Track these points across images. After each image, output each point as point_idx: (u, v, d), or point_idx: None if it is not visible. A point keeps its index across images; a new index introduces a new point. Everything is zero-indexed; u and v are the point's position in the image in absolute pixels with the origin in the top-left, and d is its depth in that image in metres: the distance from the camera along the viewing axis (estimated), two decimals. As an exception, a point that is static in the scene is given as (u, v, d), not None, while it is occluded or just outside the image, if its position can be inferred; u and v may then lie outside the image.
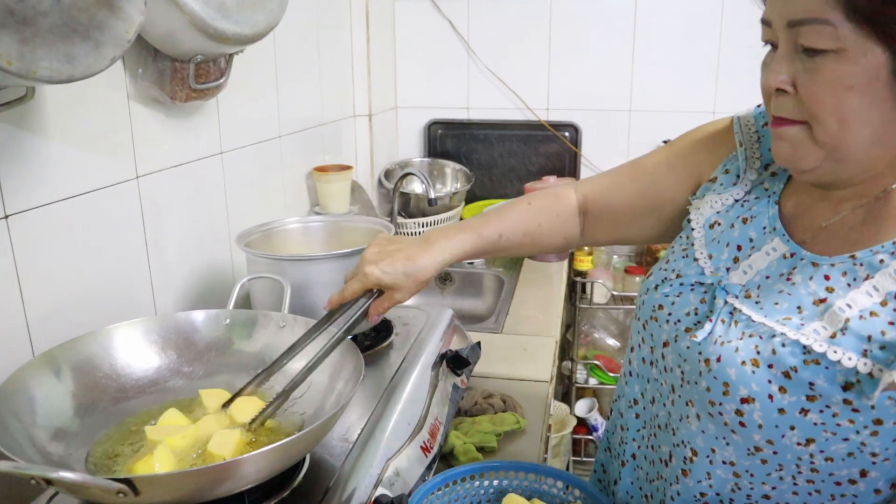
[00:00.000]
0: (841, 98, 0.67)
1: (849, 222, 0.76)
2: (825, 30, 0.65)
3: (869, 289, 0.70)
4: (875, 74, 0.65)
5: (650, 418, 0.91)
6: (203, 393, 0.93)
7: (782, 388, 0.72)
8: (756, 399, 0.73)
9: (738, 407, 0.74)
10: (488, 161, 2.57)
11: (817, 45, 0.66)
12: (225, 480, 0.71)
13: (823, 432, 0.71)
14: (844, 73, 0.66)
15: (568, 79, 2.48)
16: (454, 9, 2.46)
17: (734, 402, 0.74)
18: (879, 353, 0.68)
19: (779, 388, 0.72)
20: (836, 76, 0.66)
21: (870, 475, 0.73)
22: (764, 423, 0.73)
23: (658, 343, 0.87)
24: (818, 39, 0.66)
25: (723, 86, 2.37)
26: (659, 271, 0.91)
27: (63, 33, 0.71)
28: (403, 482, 0.92)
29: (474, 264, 2.19)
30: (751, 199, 0.86)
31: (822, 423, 0.71)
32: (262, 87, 1.58)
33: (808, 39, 0.67)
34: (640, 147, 2.47)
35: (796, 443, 0.73)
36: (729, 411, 0.75)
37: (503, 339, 1.66)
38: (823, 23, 0.65)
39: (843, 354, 0.69)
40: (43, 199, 0.96)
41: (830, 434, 0.71)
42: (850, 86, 0.66)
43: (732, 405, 0.75)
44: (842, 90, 0.66)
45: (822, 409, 0.70)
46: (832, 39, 0.65)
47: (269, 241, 1.27)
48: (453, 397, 1.20)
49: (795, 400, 0.71)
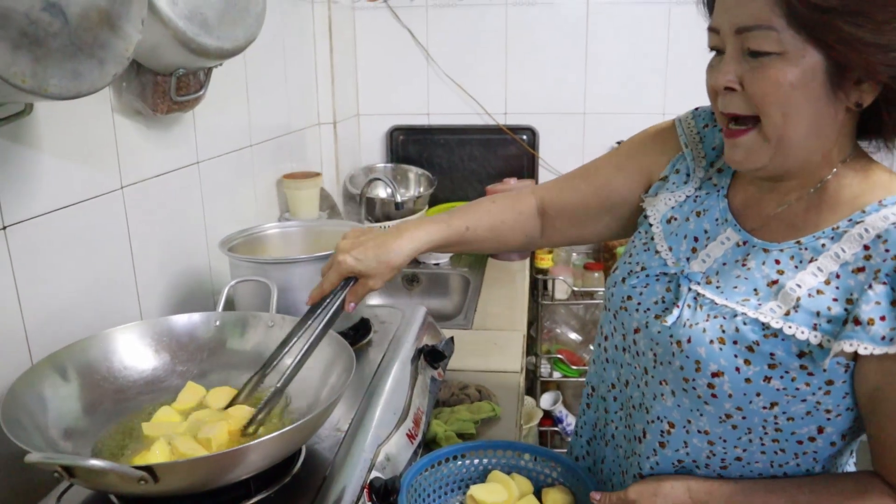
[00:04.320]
0: (784, 94, 0.76)
1: (793, 211, 0.86)
2: (770, 35, 0.75)
3: (814, 270, 0.80)
4: (812, 74, 0.75)
5: (625, 400, 0.99)
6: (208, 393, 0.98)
7: (747, 360, 0.81)
8: (725, 372, 0.82)
9: (710, 381, 0.83)
10: (449, 165, 2.65)
11: (762, 48, 0.76)
12: (235, 466, 0.76)
13: (785, 396, 0.80)
14: (786, 72, 0.76)
15: (524, 84, 2.57)
16: (413, 18, 2.53)
17: (706, 376, 0.83)
18: (827, 326, 0.78)
19: (744, 360, 0.81)
20: (779, 75, 0.76)
21: (826, 430, 0.83)
22: (733, 392, 0.82)
23: (630, 330, 0.95)
24: (763, 43, 0.76)
25: (671, 88, 2.50)
26: (624, 265, 1.00)
27: (70, 52, 0.75)
28: (393, 467, 0.99)
29: (440, 265, 2.26)
30: (702, 195, 0.96)
31: (784, 389, 0.80)
32: (234, 98, 1.62)
33: (755, 43, 0.77)
34: (595, 148, 2.59)
35: (762, 407, 0.82)
36: (702, 385, 0.84)
37: (473, 335, 1.73)
38: (768, 28, 0.75)
39: (797, 329, 0.79)
40: (38, 209, 0.99)
41: (791, 397, 0.80)
42: (791, 83, 0.76)
43: (704, 380, 0.83)
44: (784, 87, 0.76)
45: (783, 376, 0.80)
46: (776, 43, 0.75)
47: (251, 245, 1.32)
48: (432, 389, 1.27)
49: (759, 370, 0.80)
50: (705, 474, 0.90)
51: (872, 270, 0.76)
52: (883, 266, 0.76)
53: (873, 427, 0.80)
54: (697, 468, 0.90)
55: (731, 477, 0.88)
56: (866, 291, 0.75)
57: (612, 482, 1.03)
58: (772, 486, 0.86)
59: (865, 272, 0.77)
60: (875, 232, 0.77)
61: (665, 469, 0.92)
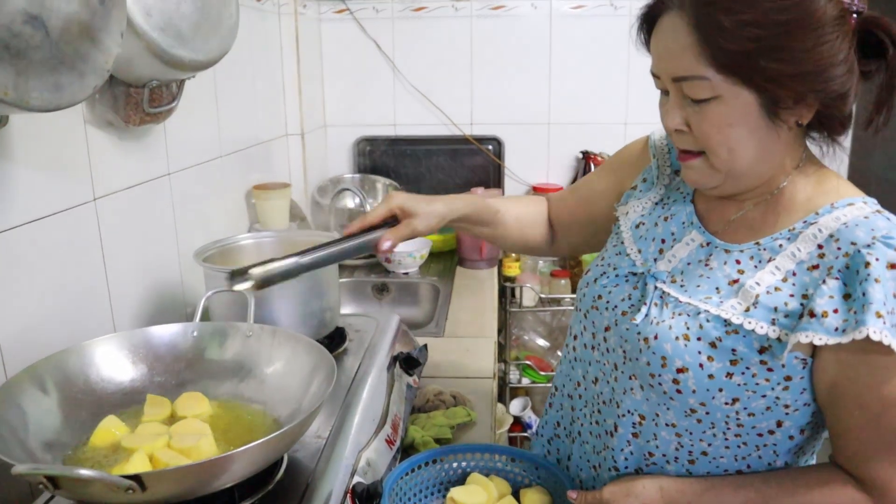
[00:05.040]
0: (726, 133, 0.83)
1: (752, 215, 0.91)
2: (703, 83, 0.81)
3: (772, 269, 0.85)
4: (748, 111, 0.81)
5: (593, 397, 1.02)
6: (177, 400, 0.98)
7: (710, 357, 0.85)
8: (689, 368, 0.86)
9: (675, 377, 0.87)
10: (416, 175, 2.67)
11: (699, 96, 0.82)
12: (221, 474, 0.77)
13: (746, 391, 0.85)
14: (724, 113, 0.81)
15: (490, 94, 2.61)
16: (379, 29, 2.55)
17: (671, 372, 0.87)
18: (784, 321, 0.83)
19: (707, 357, 0.85)
20: (718, 117, 0.82)
21: (784, 425, 0.87)
22: (697, 388, 0.86)
23: (600, 329, 0.99)
24: (699, 91, 0.82)
25: (633, 98, 2.55)
26: (596, 267, 1.04)
27: (52, 65, 0.76)
28: (374, 472, 1.00)
29: (409, 274, 2.28)
30: (669, 202, 1.02)
31: (745, 384, 0.84)
32: (205, 110, 1.62)
33: (691, 91, 0.82)
34: (559, 158, 2.65)
35: (724, 402, 0.86)
36: (667, 381, 0.88)
37: (446, 342, 1.75)
38: (700, 78, 0.81)
39: (756, 324, 0.83)
40: (11, 222, 0.98)
41: (751, 392, 0.84)
42: (730, 123, 0.82)
43: (670, 375, 0.87)
44: (725, 127, 0.82)
45: (744, 372, 0.84)
46: (709, 90, 0.81)
47: (225, 256, 1.32)
48: (408, 395, 1.28)
49: (722, 366, 0.84)
50: (675, 469, 0.93)
51: (826, 267, 0.81)
52: (835, 263, 0.81)
53: (832, 419, 0.85)
54: (668, 462, 0.93)
55: (700, 472, 0.92)
56: (820, 286, 0.80)
57: (580, 478, 1.06)
58: (740, 481, 0.90)
59: (819, 269, 0.82)
60: (828, 232, 0.83)
61: (637, 461, 0.95)
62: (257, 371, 1.03)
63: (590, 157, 2.56)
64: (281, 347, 1.03)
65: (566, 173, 2.67)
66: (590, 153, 2.56)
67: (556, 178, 2.67)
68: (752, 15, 0.76)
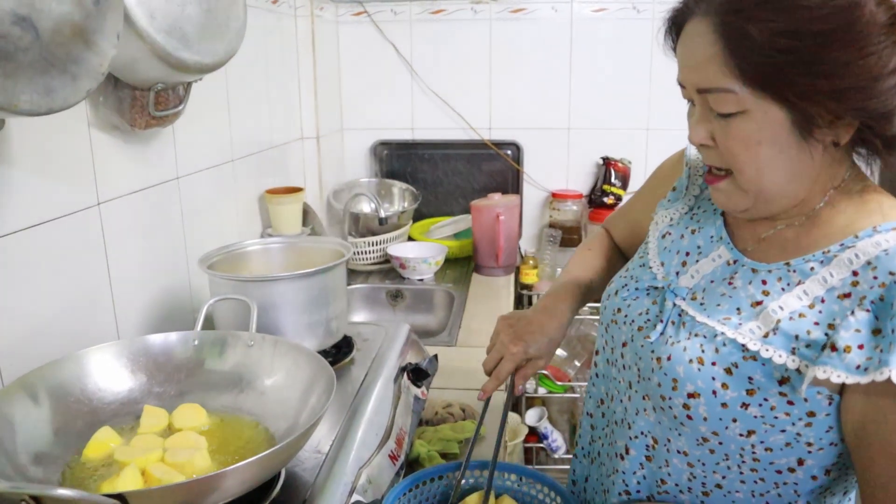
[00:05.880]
0: (754, 152, 0.76)
1: (785, 234, 0.84)
2: (728, 97, 0.74)
3: (800, 293, 0.78)
4: (778, 128, 0.74)
5: (610, 415, 0.98)
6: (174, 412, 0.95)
7: (725, 384, 0.79)
8: (701, 394, 0.80)
9: (686, 401, 0.81)
10: (434, 180, 2.63)
11: (724, 109, 0.76)
12: (211, 492, 0.74)
13: (763, 424, 0.78)
14: (752, 130, 0.75)
15: (509, 99, 2.57)
16: (397, 32, 2.52)
17: (682, 396, 0.81)
18: (805, 351, 0.75)
19: (722, 384, 0.79)
20: (745, 134, 0.75)
21: (806, 463, 0.80)
22: (709, 416, 0.80)
23: (618, 344, 0.94)
24: (724, 105, 0.75)
25: (655, 104, 2.49)
26: (619, 278, 1.00)
27: (42, 67, 0.74)
28: (375, 489, 0.96)
29: (424, 280, 2.24)
30: (699, 213, 0.95)
31: (762, 416, 0.78)
32: (215, 112, 1.60)
33: (717, 105, 0.76)
34: (579, 163, 2.60)
35: (738, 434, 0.79)
36: (677, 405, 0.82)
37: (458, 352, 1.71)
38: (726, 91, 0.74)
39: (774, 352, 0.76)
40: (10, 227, 0.97)
41: (769, 426, 0.78)
42: (758, 140, 0.75)
43: (680, 399, 0.82)
44: (753, 145, 0.76)
45: (761, 403, 0.77)
46: (735, 104, 0.75)
47: (231, 263, 1.30)
48: (415, 408, 1.25)
49: (737, 395, 0.78)
50: (689, 500, 0.88)
51: (858, 297, 0.74)
52: (869, 293, 0.73)
53: (859, 467, 0.76)
54: (681, 492, 0.88)
55: None
56: (847, 318, 0.73)
57: (594, 501, 1.01)
58: None
59: (851, 298, 0.74)
60: (865, 258, 0.75)
61: (649, 488, 0.91)
62: (257, 383, 1.00)
63: (610, 163, 2.51)
64: (282, 358, 1.01)
65: (586, 179, 2.62)
66: (610, 159, 2.51)
67: (575, 185, 2.62)
68: (785, 24, 0.69)
